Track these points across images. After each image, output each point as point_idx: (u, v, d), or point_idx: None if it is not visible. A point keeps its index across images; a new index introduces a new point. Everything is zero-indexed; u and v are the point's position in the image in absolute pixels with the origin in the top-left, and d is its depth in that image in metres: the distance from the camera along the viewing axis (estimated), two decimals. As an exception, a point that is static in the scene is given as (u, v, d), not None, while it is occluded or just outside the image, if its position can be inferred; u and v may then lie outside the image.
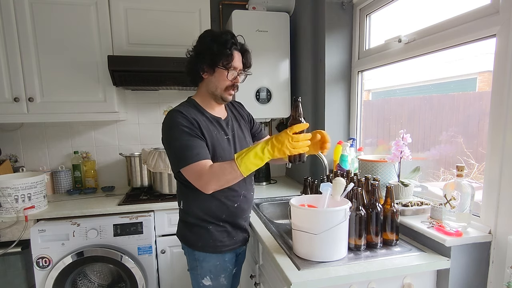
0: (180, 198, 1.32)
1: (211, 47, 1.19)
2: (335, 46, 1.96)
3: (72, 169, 2.26)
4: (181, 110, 1.20)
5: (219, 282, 1.33)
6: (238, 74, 1.26)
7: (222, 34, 1.22)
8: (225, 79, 1.23)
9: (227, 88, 1.25)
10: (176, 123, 1.16)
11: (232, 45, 1.21)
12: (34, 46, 1.89)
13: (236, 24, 2.15)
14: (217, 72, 1.23)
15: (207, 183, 1.11)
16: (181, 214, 1.35)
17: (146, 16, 2.02)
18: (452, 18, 1.30)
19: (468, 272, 1.14)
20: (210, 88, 1.27)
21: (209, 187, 1.12)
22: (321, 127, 2.06)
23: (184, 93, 2.45)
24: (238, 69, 1.25)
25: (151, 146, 2.39)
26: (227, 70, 1.21)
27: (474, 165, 1.33)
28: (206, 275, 1.31)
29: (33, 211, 1.76)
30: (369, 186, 1.25)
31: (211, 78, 1.25)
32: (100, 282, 1.97)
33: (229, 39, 1.21)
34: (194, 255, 1.31)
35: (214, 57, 1.20)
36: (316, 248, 1.10)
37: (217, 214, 1.28)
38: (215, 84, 1.25)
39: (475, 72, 1.42)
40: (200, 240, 1.29)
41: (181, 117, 1.17)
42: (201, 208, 1.26)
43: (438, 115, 1.52)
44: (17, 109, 1.90)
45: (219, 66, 1.21)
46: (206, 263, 1.30)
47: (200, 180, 1.12)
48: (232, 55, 1.21)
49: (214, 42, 1.20)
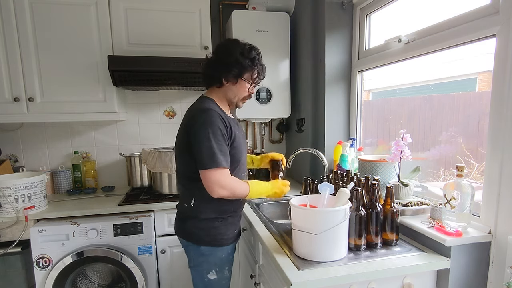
0: (191, 196, 1.33)
1: (240, 60, 1.28)
2: (335, 46, 1.96)
3: (72, 169, 2.26)
4: (219, 112, 1.27)
5: (223, 275, 1.38)
6: (254, 86, 1.39)
7: (251, 49, 1.31)
8: (245, 91, 1.35)
9: (244, 98, 1.38)
10: (214, 123, 1.22)
11: (258, 62, 1.33)
12: (34, 46, 1.89)
13: (236, 24, 2.15)
14: (239, 83, 1.32)
15: (223, 190, 1.22)
16: (188, 211, 1.36)
17: (146, 16, 2.02)
18: (452, 18, 1.30)
19: (468, 272, 1.14)
20: (229, 95, 1.36)
21: (221, 193, 1.23)
22: (321, 127, 2.06)
23: (184, 93, 2.45)
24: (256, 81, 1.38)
25: (151, 146, 2.39)
26: (250, 83, 1.34)
27: (474, 165, 1.33)
28: (212, 269, 1.35)
29: (33, 211, 1.76)
30: (369, 186, 1.25)
31: (232, 87, 1.33)
32: (100, 282, 1.97)
33: (256, 56, 1.32)
34: (199, 251, 1.34)
35: (241, 70, 1.30)
36: (316, 248, 1.10)
37: (228, 208, 1.35)
38: (235, 93, 1.35)
39: (475, 72, 1.42)
40: (208, 235, 1.33)
41: (219, 119, 1.24)
42: (214, 203, 1.30)
43: (438, 115, 1.52)
44: (17, 109, 1.90)
45: (243, 79, 1.32)
46: (213, 257, 1.34)
47: (217, 184, 1.21)
48: (257, 71, 1.34)
49: (243, 56, 1.28)
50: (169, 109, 2.45)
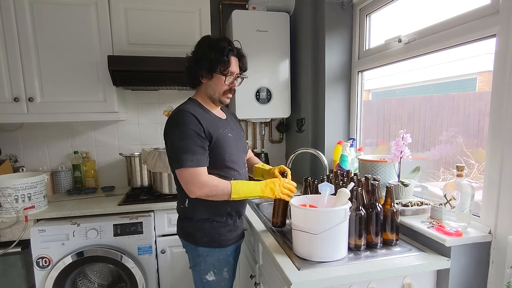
0: (185, 196, 1.31)
1: (209, 54, 1.24)
2: (335, 46, 1.96)
3: (72, 169, 2.26)
4: (191, 111, 1.23)
5: (222, 276, 1.36)
6: (235, 79, 1.33)
7: (219, 41, 1.27)
8: (223, 84, 1.29)
9: (224, 92, 1.32)
10: (184, 123, 1.20)
11: (229, 52, 1.26)
12: (34, 46, 1.89)
13: (236, 24, 2.15)
14: (215, 77, 1.28)
15: (197, 189, 1.19)
16: (184, 212, 1.35)
17: (146, 16, 2.02)
18: (452, 18, 1.30)
19: (468, 272, 1.14)
20: (209, 92, 1.32)
21: (197, 193, 1.20)
22: (321, 127, 2.06)
23: (184, 93, 2.45)
24: (235, 74, 1.31)
25: (151, 146, 2.39)
26: (225, 76, 1.28)
27: (474, 165, 1.33)
28: (209, 270, 1.34)
29: (33, 211, 1.76)
30: (369, 186, 1.25)
31: (209, 83, 1.31)
32: (100, 282, 1.97)
33: (225, 46, 1.26)
34: (197, 251, 1.33)
35: (212, 64, 1.25)
36: (316, 248, 1.10)
37: (224, 208, 1.32)
38: (213, 89, 1.31)
39: (475, 72, 1.42)
40: (205, 235, 1.32)
41: (191, 118, 1.21)
42: (208, 203, 1.28)
43: (438, 115, 1.52)
44: (17, 109, 1.90)
45: (216, 72, 1.27)
46: (210, 258, 1.33)
47: (189, 184, 1.19)
48: (229, 62, 1.27)
49: (211, 50, 1.25)
50: (169, 109, 2.45)
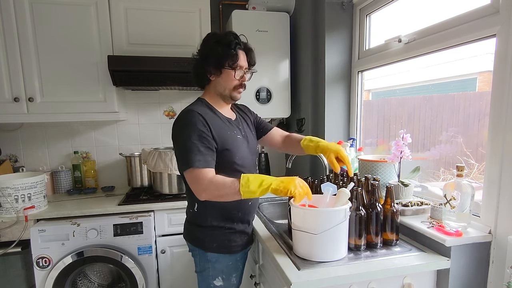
0: (194, 200, 1.28)
1: (216, 49, 1.22)
2: (335, 46, 1.96)
3: (72, 169, 2.26)
4: (198, 111, 1.19)
5: (230, 282, 1.34)
6: (245, 73, 1.29)
7: (226, 35, 1.25)
8: (233, 79, 1.26)
9: (235, 87, 1.28)
10: (191, 123, 1.17)
11: (236, 45, 1.23)
12: (34, 46, 1.89)
13: (236, 24, 2.15)
14: (224, 73, 1.25)
15: (204, 190, 1.12)
16: (193, 217, 1.33)
17: (146, 16, 2.02)
18: (452, 18, 1.30)
19: (468, 272, 1.14)
20: (219, 89, 1.29)
21: (206, 195, 1.13)
22: (321, 127, 2.06)
23: (184, 93, 2.45)
24: (244, 68, 1.28)
25: (151, 146, 2.39)
26: (234, 70, 1.24)
27: (474, 165, 1.33)
28: (218, 275, 1.31)
29: (33, 211, 1.76)
30: (369, 186, 1.25)
31: (218, 80, 1.27)
32: (100, 282, 1.97)
33: (232, 39, 1.23)
34: (206, 257, 1.30)
35: (220, 59, 1.22)
36: (316, 248, 1.10)
37: (234, 213, 1.30)
38: (223, 85, 1.27)
39: (475, 72, 1.42)
40: (215, 241, 1.29)
41: (198, 118, 1.17)
42: (218, 208, 1.26)
43: (438, 115, 1.52)
44: (17, 109, 1.90)
45: (225, 67, 1.23)
46: (219, 264, 1.31)
47: (197, 185, 1.13)
48: (237, 55, 1.24)
49: (218, 44, 1.22)
50: (169, 109, 2.45)
